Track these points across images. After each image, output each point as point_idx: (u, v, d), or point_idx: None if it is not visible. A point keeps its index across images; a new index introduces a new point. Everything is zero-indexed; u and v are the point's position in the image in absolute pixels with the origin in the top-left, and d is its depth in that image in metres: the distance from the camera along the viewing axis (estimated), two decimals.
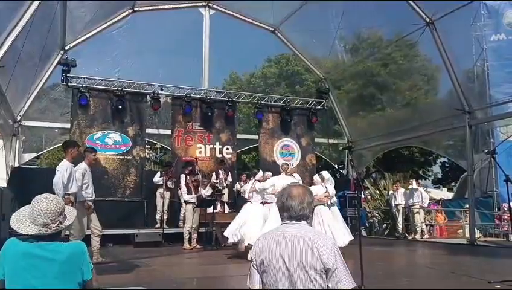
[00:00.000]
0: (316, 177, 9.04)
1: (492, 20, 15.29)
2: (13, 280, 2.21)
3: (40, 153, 13.65)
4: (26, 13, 7.81)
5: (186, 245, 9.93)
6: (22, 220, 2.31)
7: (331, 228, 8.18)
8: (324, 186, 8.70)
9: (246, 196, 8.86)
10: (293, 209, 2.37)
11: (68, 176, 6.58)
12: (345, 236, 8.32)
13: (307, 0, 12.85)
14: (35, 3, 7.81)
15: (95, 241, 7.28)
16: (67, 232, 6.61)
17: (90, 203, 7.21)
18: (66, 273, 2.26)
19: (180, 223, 11.53)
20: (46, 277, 2.20)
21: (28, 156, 12.23)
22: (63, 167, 6.60)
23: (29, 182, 10.60)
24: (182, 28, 14.42)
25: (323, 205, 8.48)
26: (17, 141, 11.61)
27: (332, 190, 8.77)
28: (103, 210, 8.90)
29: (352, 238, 8.37)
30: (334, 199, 9.08)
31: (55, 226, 2.29)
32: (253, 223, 8.06)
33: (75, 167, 6.93)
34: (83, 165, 7.19)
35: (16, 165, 11.50)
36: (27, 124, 11.88)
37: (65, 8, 10.41)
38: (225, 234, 8.65)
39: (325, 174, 9.01)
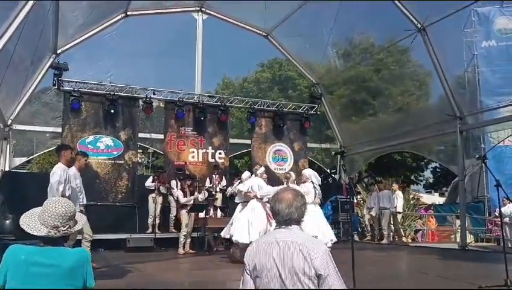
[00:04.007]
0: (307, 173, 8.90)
1: (482, 27, 15.50)
2: (15, 287, 2.19)
3: (31, 157, 13.55)
4: (18, 16, 7.76)
5: (181, 250, 9.88)
6: (32, 221, 2.31)
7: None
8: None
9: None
10: (281, 213, 2.37)
11: (65, 178, 6.48)
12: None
13: (301, 0, 12.88)
14: (28, 6, 7.76)
15: (86, 246, 7.21)
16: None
17: (82, 208, 7.14)
18: (69, 280, 2.24)
19: (171, 229, 11.49)
20: (49, 284, 2.18)
21: (18, 160, 12.10)
22: (60, 169, 6.47)
23: (19, 187, 10.54)
24: (175, 33, 14.44)
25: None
26: (8, 145, 11.49)
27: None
28: (94, 215, 8.82)
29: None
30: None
31: (65, 230, 2.29)
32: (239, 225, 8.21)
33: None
34: (72, 170, 7.03)
35: (7, 169, 11.39)
36: (18, 127, 11.76)
37: (57, 11, 10.36)
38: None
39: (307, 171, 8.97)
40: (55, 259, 2.23)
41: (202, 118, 13.03)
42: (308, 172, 8.73)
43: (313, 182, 8.35)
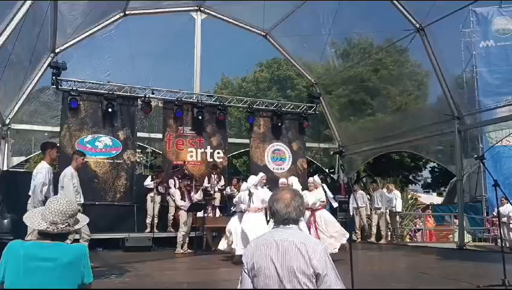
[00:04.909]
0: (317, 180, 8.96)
1: (481, 27, 15.53)
2: (14, 282, 2.21)
3: (29, 157, 13.49)
4: (17, 15, 7.75)
5: (179, 249, 9.86)
6: (34, 217, 2.38)
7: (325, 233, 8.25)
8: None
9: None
10: (279, 213, 2.37)
11: (48, 180, 6.25)
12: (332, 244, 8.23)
13: (299, 0, 12.87)
14: (26, 5, 7.75)
15: None
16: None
17: (79, 207, 7.07)
18: (67, 275, 2.27)
19: (169, 228, 11.48)
20: (48, 278, 2.21)
21: (16, 160, 12.08)
22: (45, 169, 6.25)
23: (17, 186, 10.50)
24: (173, 32, 14.39)
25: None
26: (6, 144, 11.48)
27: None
28: (93, 214, 8.82)
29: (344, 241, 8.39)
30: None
31: (63, 227, 2.33)
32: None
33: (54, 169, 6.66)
34: (69, 170, 6.88)
35: (5, 168, 11.37)
36: (16, 127, 11.75)
37: (56, 10, 10.35)
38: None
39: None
40: (54, 253, 2.26)
41: (201, 118, 13.03)
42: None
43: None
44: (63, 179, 6.76)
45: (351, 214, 13.67)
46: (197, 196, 10.41)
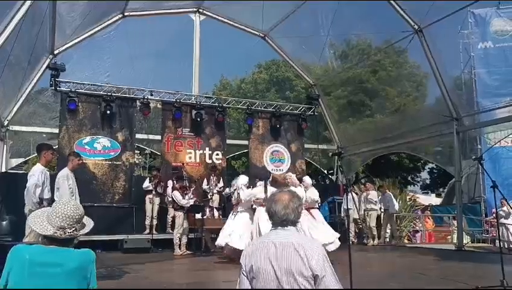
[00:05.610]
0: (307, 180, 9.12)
1: (479, 28, 15.55)
2: (19, 286, 2.18)
3: (27, 158, 13.48)
4: (16, 16, 7.74)
5: (177, 251, 9.84)
6: (40, 220, 2.32)
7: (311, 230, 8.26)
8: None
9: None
10: (277, 214, 2.38)
11: (43, 181, 6.25)
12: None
13: (299, 1, 12.87)
14: (25, 6, 7.74)
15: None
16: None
17: None
18: (73, 281, 2.24)
19: (168, 229, 11.47)
20: (53, 284, 2.18)
21: (15, 161, 12.08)
22: (38, 171, 6.26)
23: (16, 188, 10.47)
24: (172, 34, 14.40)
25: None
26: (4, 146, 11.46)
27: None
28: (91, 216, 8.69)
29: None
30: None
31: (71, 232, 2.29)
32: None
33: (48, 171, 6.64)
34: (65, 171, 6.74)
35: (3, 170, 11.35)
36: (14, 128, 11.74)
37: (55, 12, 10.35)
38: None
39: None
40: (60, 259, 2.23)
41: (199, 119, 13.01)
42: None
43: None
44: (59, 181, 6.72)
45: (342, 215, 13.64)
46: (187, 198, 10.30)
